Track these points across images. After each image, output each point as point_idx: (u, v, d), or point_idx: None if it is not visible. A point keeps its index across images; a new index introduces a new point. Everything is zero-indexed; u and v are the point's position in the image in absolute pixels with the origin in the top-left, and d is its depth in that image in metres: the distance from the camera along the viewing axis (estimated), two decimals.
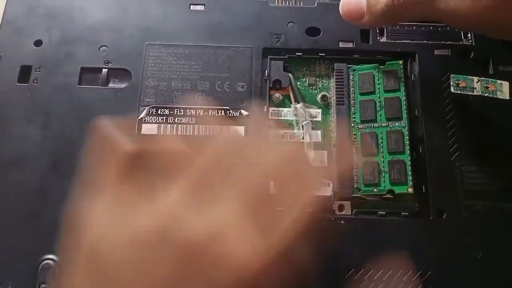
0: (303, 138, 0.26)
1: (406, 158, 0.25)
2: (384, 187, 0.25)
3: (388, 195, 0.25)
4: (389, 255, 0.23)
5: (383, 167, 0.25)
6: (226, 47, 0.27)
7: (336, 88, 0.27)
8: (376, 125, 0.26)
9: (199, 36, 0.28)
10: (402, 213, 0.25)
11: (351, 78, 0.27)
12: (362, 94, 0.27)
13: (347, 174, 0.25)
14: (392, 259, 0.23)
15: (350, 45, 0.28)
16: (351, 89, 0.27)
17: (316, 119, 0.27)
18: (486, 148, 0.25)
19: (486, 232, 0.24)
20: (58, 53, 0.27)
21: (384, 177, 0.25)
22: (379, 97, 0.26)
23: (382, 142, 0.25)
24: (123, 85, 0.27)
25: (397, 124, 0.26)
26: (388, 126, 0.26)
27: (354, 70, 0.27)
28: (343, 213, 0.25)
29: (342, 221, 0.24)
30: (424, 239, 0.24)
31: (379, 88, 0.27)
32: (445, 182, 0.25)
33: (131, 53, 0.27)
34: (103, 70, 0.27)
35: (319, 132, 0.27)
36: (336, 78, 0.27)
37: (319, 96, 0.27)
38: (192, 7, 0.28)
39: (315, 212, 0.18)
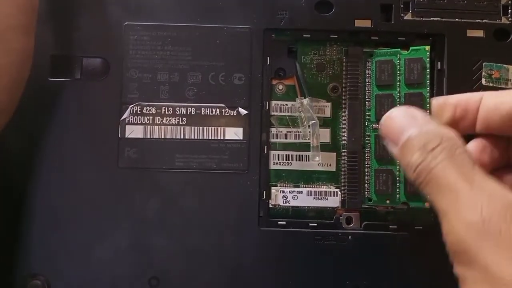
0: (309, 139, 0.23)
1: None
2: (398, 199, 0.22)
3: (401, 206, 0.23)
4: (399, 273, 0.22)
5: (399, 176, 0.22)
6: (221, 28, 0.23)
7: (350, 78, 0.23)
8: None
9: (188, 14, 0.23)
10: (416, 227, 0.23)
11: (367, 65, 0.23)
12: (379, 87, 0.23)
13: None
14: (401, 278, 0.22)
15: (368, 24, 0.23)
16: (367, 79, 0.23)
17: (325, 115, 0.24)
18: None
19: None
20: None
21: (399, 188, 0.22)
22: (399, 92, 0.23)
23: None
24: (101, 76, 0.23)
25: None
26: None
27: (370, 55, 0.23)
28: (351, 226, 0.23)
29: (349, 237, 0.22)
30: (438, 256, 0.22)
31: (399, 81, 0.23)
32: None
33: (106, 36, 0.23)
34: (76, 58, 0.23)
35: (327, 130, 0.24)
36: (349, 67, 0.23)
37: (329, 87, 0.24)
38: None
39: None
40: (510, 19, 0.23)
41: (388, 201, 0.22)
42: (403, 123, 0.17)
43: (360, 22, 0.23)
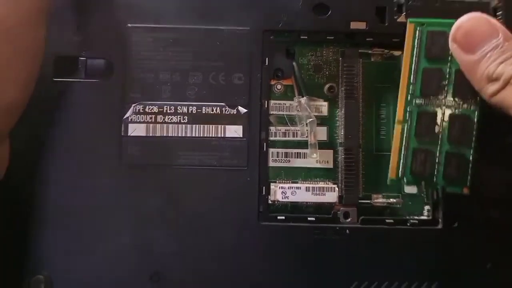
0: (307, 137, 0.24)
1: (469, 153, 0.21)
2: (435, 182, 0.21)
3: (397, 200, 0.23)
4: (395, 266, 0.22)
5: (438, 158, 0.21)
6: (220, 30, 0.24)
7: (346, 78, 0.24)
8: (438, 102, 0.21)
9: (189, 16, 0.24)
10: (412, 221, 0.23)
11: (416, 38, 0.22)
12: (429, 60, 0.21)
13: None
14: (399, 270, 0.22)
15: (363, 26, 0.24)
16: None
17: (322, 114, 0.24)
18: (509, 150, 0.23)
19: (498, 242, 0.23)
20: None
21: (437, 170, 0.21)
22: (450, 68, 0.21)
23: (442, 127, 0.21)
24: (104, 77, 0.23)
25: (466, 107, 0.21)
26: (455, 108, 0.21)
27: (422, 24, 0.22)
28: (348, 221, 0.23)
29: (347, 231, 0.23)
30: (433, 250, 0.23)
31: (451, 55, 0.21)
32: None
33: (113, 40, 0.23)
34: (80, 59, 0.23)
35: (325, 128, 0.24)
36: (345, 67, 0.24)
37: (326, 87, 0.24)
38: None
39: None
40: (500, 19, 0.24)
41: (423, 183, 0.22)
42: (486, 30, 0.18)
43: (355, 24, 0.24)
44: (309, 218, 0.23)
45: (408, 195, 0.24)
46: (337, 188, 0.23)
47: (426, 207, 0.24)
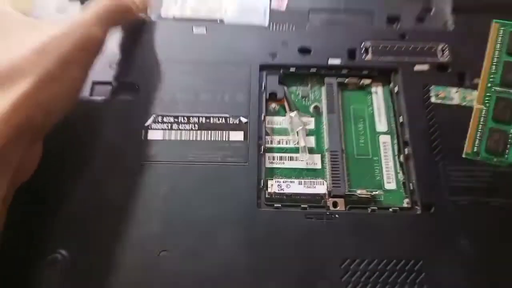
0: (298, 143, 0.28)
1: None
2: (507, 158, 0.24)
3: (379, 192, 0.27)
4: (383, 245, 0.25)
5: (511, 138, 0.24)
6: (227, 64, 0.30)
7: (328, 100, 0.30)
8: None
9: (201, 55, 0.30)
10: (393, 208, 0.26)
11: (500, 35, 0.26)
12: (509, 55, 0.25)
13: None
14: (385, 248, 0.25)
15: (339, 62, 0.30)
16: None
17: (310, 127, 0.29)
18: None
19: (473, 224, 0.25)
20: None
21: (508, 149, 0.24)
22: None
23: None
24: (131, 97, 0.29)
25: None
26: None
27: (505, 25, 0.26)
28: (337, 209, 0.26)
29: (336, 215, 0.26)
30: (415, 230, 0.25)
31: None
32: (431, 180, 0.27)
33: (139, 69, 0.30)
34: (113, 84, 0.29)
35: (312, 137, 0.29)
36: (327, 92, 0.30)
37: (311, 107, 0.30)
38: (194, 29, 0.31)
39: None
40: (447, 57, 0.31)
41: (495, 160, 0.24)
42: None
43: (332, 60, 0.30)
44: (302, 206, 0.26)
45: (389, 190, 0.27)
46: (325, 183, 0.27)
47: (406, 200, 0.27)
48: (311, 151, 0.28)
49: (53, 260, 0.24)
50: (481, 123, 0.25)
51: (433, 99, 0.29)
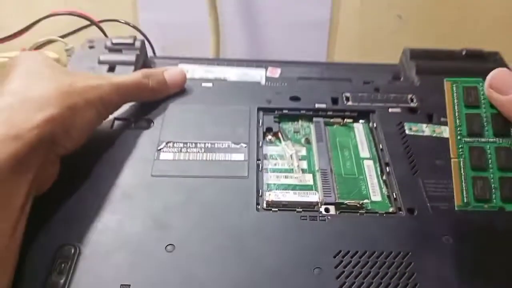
0: (292, 165, 0.32)
1: None
2: (495, 203, 0.25)
3: (366, 201, 0.30)
4: (373, 240, 0.27)
5: (494, 183, 0.25)
6: (229, 106, 0.35)
7: (316, 135, 0.35)
8: (483, 140, 0.26)
9: (207, 100, 0.36)
10: (380, 212, 0.29)
11: (454, 92, 0.27)
12: (468, 107, 0.26)
13: None
14: (376, 243, 0.27)
15: (324, 106, 0.36)
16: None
17: (302, 153, 0.33)
18: (439, 168, 0.31)
19: (453, 224, 0.28)
20: None
21: (495, 193, 0.25)
22: (485, 112, 0.26)
23: (490, 158, 0.25)
24: (147, 129, 0.34)
25: (505, 141, 0.26)
26: (497, 142, 0.26)
27: (456, 82, 0.27)
28: (329, 213, 0.29)
29: (328, 217, 0.28)
30: (401, 229, 0.28)
31: (484, 104, 0.26)
32: (412, 190, 0.30)
33: (154, 109, 0.35)
34: (131, 119, 0.34)
35: (304, 161, 0.33)
36: (316, 130, 0.35)
37: (303, 139, 0.34)
38: (203, 84, 0.38)
39: None
40: (415, 103, 0.36)
41: (486, 206, 0.25)
42: None
43: (318, 105, 0.36)
44: (297, 210, 0.29)
45: (375, 201, 0.30)
46: (317, 193, 0.30)
47: (391, 208, 0.30)
48: (303, 171, 0.32)
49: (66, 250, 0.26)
50: (462, 175, 0.25)
51: (407, 131, 0.34)
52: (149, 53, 0.61)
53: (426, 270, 0.25)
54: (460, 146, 0.26)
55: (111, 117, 0.33)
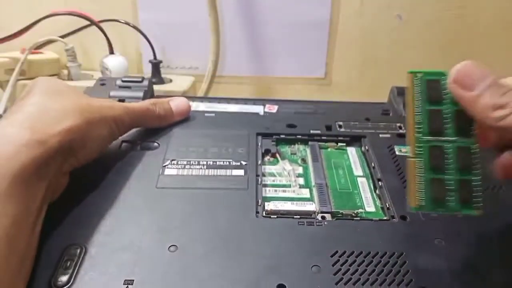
0: (289, 180, 0.34)
1: (476, 177, 0.24)
2: (453, 208, 0.24)
3: (361, 210, 0.31)
4: (368, 242, 0.28)
5: (452, 185, 0.24)
6: (230, 131, 0.38)
7: (312, 157, 0.37)
8: (443, 139, 0.24)
9: (209, 126, 0.39)
10: (374, 219, 0.30)
11: (415, 85, 0.25)
12: (430, 102, 0.24)
13: None
14: (371, 244, 0.28)
15: (319, 132, 0.39)
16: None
17: (298, 172, 0.35)
18: None
19: (445, 229, 0.29)
20: None
21: (452, 196, 0.24)
22: (448, 110, 0.24)
23: (450, 159, 0.24)
24: (152, 149, 0.36)
25: (466, 141, 0.24)
26: (457, 142, 0.24)
27: (418, 74, 0.25)
28: (326, 220, 0.30)
29: (325, 222, 0.29)
30: (395, 233, 0.29)
31: (447, 100, 0.24)
32: (404, 201, 0.31)
33: (160, 133, 0.37)
34: (138, 142, 0.36)
35: (301, 178, 0.35)
36: (311, 153, 0.37)
37: (299, 160, 0.37)
38: (206, 114, 0.40)
39: None
40: (404, 131, 0.39)
41: (440, 209, 0.24)
42: (480, 73, 0.22)
43: (313, 131, 0.39)
44: (294, 217, 0.30)
45: (369, 212, 0.32)
46: (314, 204, 0.31)
47: (385, 217, 0.31)
48: (300, 187, 0.34)
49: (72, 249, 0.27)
50: (419, 176, 0.24)
51: (397, 153, 0.36)
52: (149, 53, 0.64)
53: (420, 268, 0.26)
54: (419, 145, 0.24)
55: (119, 139, 0.36)
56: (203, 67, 0.67)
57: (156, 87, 0.59)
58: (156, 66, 0.66)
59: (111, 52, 0.65)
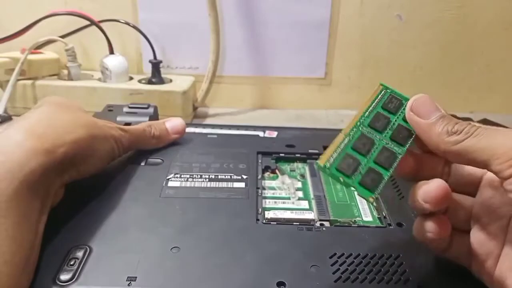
0: (289, 193, 0.35)
1: (386, 174, 0.25)
2: (352, 182, 0.25)
3: (359, 218, 0.32)
4: (366, 245, 0.29)
5: (361, 168, 0.25)
6: (231, 150, 0.40)
7: (310, 172, 0.38)
8: (378, 136, 0.26)
9: (211, 145, 0.41)
10: (371, 226, 0.31)
11: (380, 94, 0.28)
12: (383, 109, 0.27)
13: None
14: (369, 247, 0.29)
15: (317, 151, 0.41)
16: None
17: (298, 186, 0.36)
18: None
19: None
20: None
21: (356, 175, 0.25)
22: (395, 120, 0.27)
23: (374, 151, 0.26)
24: (157, 165, 0.37)
25: (396, 148, 0.26)
26: (388, 144, 0.26)
27: (386, 88, 0.28)
28: (324, 226, 0.31)
29: (323, 228, 0.31)
30: (392, 238, 0.30)
31: (400, 115, 0.27)
32: (399, 210, 0.33)
33: (164, 151, 0.39)
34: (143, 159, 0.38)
35: (300, 192, 0.36)
36: (309, 168, 0.39)
37: (298, 176, 0.38)
38: (208, 136, 0.43)
39: None
40: None
41: (341, 179, 0.25)
42: (433, 105, 0.25)
43: (311, 150, 0.41)
44: (294, 223, 0.31)
45: (367, 221, 0.33)
46: (313, 212, 0.33)
47: (382, 225, 0.32)
48: (301, 199, 0.35)
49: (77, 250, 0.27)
50: (340, 147, 0.26)
51: None
52: (149, 53, 0.65)
53: (417, 267, 0.27)
54: (354, 128, 0.27)
55: (124, 157, 0.37)
56: (203, 67, 0.67)
57: (156, 87, 0.61)
58: (156, 66, 0.65)
59: (111, 52, 0.64)
